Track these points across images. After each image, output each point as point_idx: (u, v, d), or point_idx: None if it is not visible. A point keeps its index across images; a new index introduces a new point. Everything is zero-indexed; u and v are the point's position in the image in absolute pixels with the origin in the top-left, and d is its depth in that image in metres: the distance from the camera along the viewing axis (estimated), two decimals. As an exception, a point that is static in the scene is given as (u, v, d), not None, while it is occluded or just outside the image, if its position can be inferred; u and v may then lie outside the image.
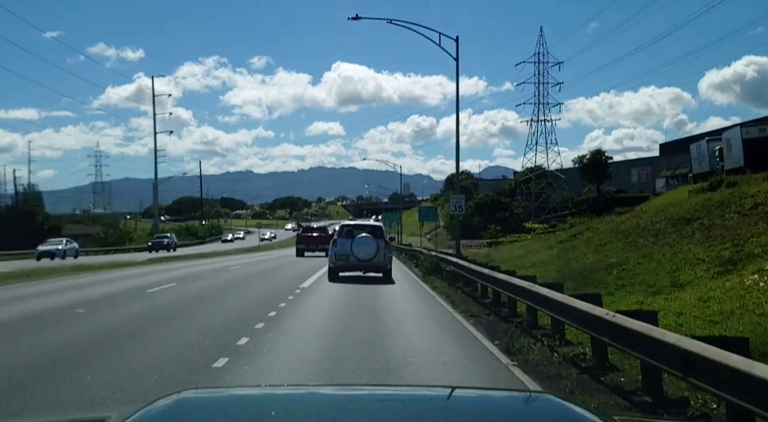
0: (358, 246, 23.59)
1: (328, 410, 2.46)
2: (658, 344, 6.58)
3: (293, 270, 31.86)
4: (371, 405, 2.67)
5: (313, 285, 22.49)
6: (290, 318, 13.49)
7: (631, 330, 7.27)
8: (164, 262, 41.43)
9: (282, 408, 2.48)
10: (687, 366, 5.99)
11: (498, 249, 52.72)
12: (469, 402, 2.86)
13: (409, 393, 3.16)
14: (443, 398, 2.87)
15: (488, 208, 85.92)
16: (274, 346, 10.22)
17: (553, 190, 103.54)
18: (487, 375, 8.63)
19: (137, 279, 25.41)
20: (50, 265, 38.81)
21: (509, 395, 3.53)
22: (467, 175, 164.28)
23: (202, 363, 8.73)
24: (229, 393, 3.22)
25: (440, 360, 9.37)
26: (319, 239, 46.24)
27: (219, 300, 17.35)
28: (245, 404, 2.66)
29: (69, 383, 7.64)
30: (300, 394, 2.93)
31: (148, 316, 13.82)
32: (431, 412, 2.54)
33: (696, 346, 5.91)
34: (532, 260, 31.70)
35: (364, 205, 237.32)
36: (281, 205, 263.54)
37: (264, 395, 2.92)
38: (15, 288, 21.38)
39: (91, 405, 6.68)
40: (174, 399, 2.53)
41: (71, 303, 16.20)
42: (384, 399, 2.85)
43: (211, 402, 2.79)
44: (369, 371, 8.49)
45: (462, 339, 11.50)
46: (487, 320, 13.84)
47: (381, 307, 16.05)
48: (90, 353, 9.56)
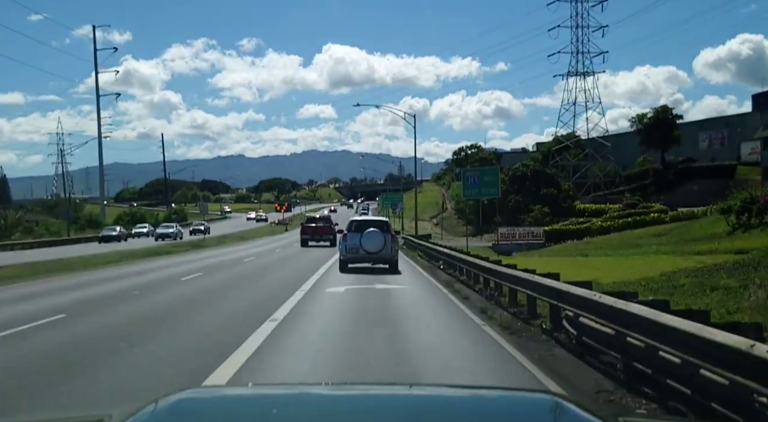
0: (367, 240, 25.08)
1: (328, 410, 2.51)
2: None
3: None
4: (371, 404, 2.64)
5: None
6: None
7: None
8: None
9: (282, 407, 2.49)
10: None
11: (596, 255, 31.82)
12: (469, 401, 2.82)
13: (410, 393, 3.08)
14: (444, 398, 2.87)
15: (529, 182, 63.82)
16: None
17: (593, 162, 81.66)
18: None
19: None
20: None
21: (510, 395, 3.28)
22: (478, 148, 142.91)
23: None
24: (230, 393, 3.27)
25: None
26: (323, 229, 47.76)
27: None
28: (245, 404, 2.67)
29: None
30: (300, 394, 2.94)
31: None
32: (432, 412, 2.55)
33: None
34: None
35: (358, 187, 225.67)
36: (267, 187, 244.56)
37: (264, 395, 2.92)
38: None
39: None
40: (174, 398, 2.52)
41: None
42: (384, 398, 2.81)
43: (212, 401, 2.79)
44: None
45: None
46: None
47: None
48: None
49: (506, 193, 62.20)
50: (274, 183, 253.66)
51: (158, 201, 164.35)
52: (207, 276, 23.10)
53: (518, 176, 64.91)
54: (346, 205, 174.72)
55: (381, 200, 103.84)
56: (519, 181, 64.07)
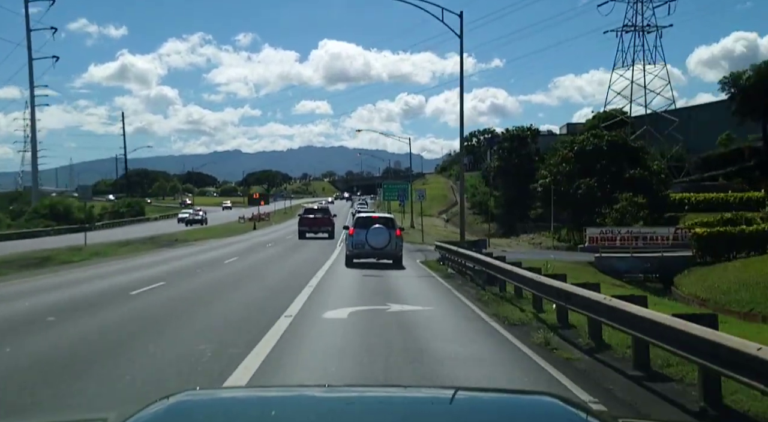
0: (373, 236, 25.45)
1: (327, 411, 2.50)
2: None
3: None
4: (371, 406, 2.62)
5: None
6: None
7: None
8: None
9: (280, 409, 2.49)
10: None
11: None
12: (468, 403, 2.76)
13: (410, 395, 3.07)
14: (444, 399, 2.82)
15: (606, 160, 44.78)
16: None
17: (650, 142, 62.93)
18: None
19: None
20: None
21: (509, 396, 3.22)
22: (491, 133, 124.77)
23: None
24: (228, 395, 3.30)
25: None
26: (321, 221, 46.62)
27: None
28: (244, 405, 2.67)
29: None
30: (298, 396, 2.89)
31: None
32: (432, 413, 2.56)
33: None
34: None
35: (354, 181, 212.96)
36: (257, 180, 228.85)
37: (263, 396, 2.92)
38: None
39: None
40: (173, 400, 2.51)
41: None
42: (384, 400, 2.77)
43: (210, 403, 2.78)
44: None
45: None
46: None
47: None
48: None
49: (570, 176, 43.91)
50: (264, 176, 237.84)
51: (138, 194, 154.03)
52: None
53: (589, 151, 45.58)
54: (341, 198, 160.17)
55: (381, 192, 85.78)
56: (589, 159, 44.87)
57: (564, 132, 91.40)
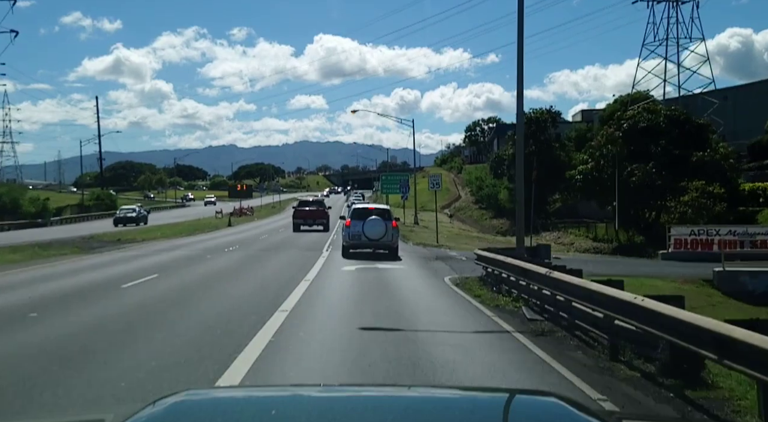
0: (369, 227, 25.59)
1: (324, 411, 2.45)
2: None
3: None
4: (371, 405, 2.56)
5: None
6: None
7: None
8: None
9: (279, 409, 2.45)
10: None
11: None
12: (467, 402, 2.71)
13: (406, 395, 3.02)
14: (441, 399, 2.80)
15: (666, 141, 35.82)
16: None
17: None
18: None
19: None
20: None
21: (510, 396, 3.05)
22: (496, 122, 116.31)
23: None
24: (228, 394, 3.21)
25: None
26: (317, 213, 46.47)
27: None
28: (244, 404, 2.63)
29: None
30: (296, 395, 2.85)
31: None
32: (429, 413, 2.50)
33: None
34: None
35: (350, 175, 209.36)
36: (248, 173, 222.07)
37: (263, 396, 2.87)
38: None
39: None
40: (173, 399, 2.49)
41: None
42: (384, 399, 2.72)
43: (210, 402, 2.74)
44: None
45: None
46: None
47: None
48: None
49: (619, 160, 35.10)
50: (256, 169, 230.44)
51: (123, 187, 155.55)
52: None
53: (643, 129, 36.62)
54: (335, 191, 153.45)
55: (379, 184, 77.61)
56: (644, 139, 35.93)
57: (578, 119, 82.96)
